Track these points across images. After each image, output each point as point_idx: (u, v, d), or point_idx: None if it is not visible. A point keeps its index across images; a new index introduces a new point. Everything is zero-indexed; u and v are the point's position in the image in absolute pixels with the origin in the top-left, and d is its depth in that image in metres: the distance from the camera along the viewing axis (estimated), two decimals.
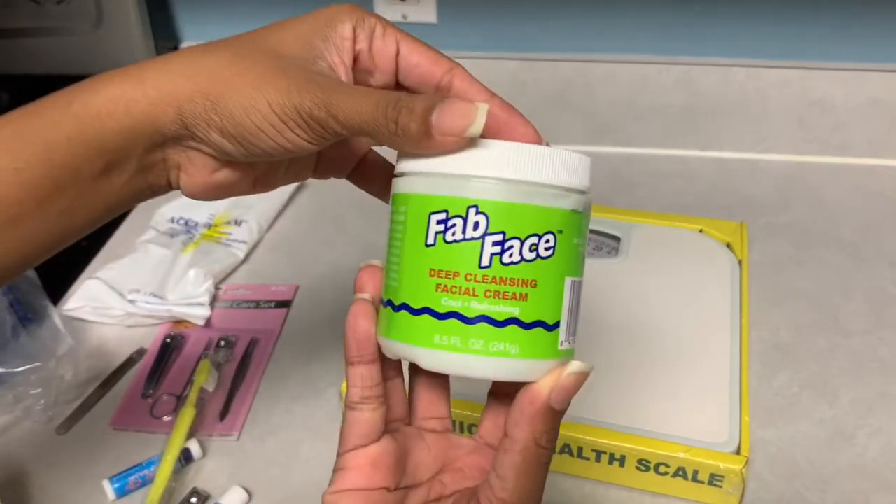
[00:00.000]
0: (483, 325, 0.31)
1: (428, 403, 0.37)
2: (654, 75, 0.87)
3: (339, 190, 0.41)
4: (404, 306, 0.32)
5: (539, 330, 0.31)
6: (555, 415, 0.32)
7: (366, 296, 0.34)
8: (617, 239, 0.72)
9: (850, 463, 0.56)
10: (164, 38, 0.95)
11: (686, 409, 0.56)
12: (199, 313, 0.70)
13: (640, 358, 0.60)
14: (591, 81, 0.88)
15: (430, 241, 0.31)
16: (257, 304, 0.72)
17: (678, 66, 0.86)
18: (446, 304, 0.31)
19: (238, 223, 0.80)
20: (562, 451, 0.54)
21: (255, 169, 0.38)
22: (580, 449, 0.54)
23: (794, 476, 0.55)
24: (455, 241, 0.31)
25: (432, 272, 0.31)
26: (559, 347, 0.32)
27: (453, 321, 0.31)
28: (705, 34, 0.86)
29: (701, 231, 0.73)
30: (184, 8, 0.95)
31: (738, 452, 0.53)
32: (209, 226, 0.80)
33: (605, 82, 0.88)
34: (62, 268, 0.76)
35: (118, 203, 0.36)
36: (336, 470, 0.34)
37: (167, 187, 0.37)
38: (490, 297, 0.31)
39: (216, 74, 0.33)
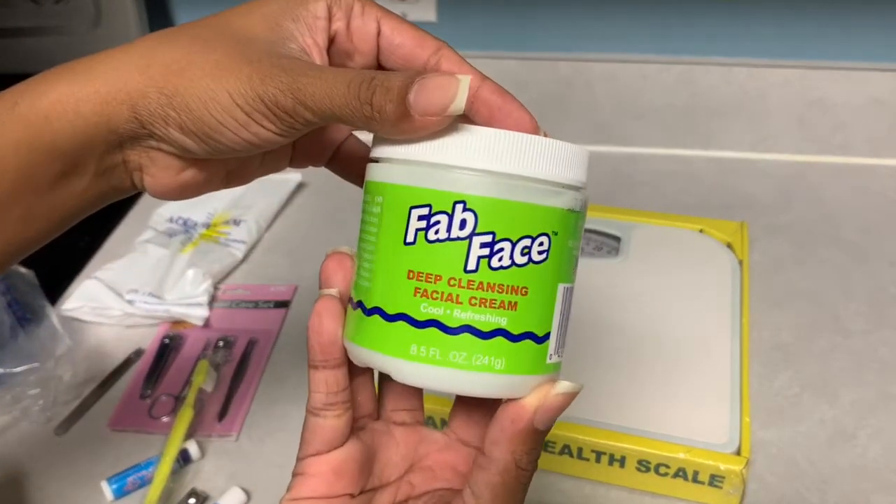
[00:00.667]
0: (466, 335, 0.27)
1: (399, 394, 0.35)
2: (654, 75, 0.87)
3: (339, 190, 0.40)
4: (377, 310, 0.28)
5: (528, 342, 0.28)
6: (538, 435, 0.29)
7: (333, 291, 0.31)
8: (617, 239, 0.72)
9: (851, 463, 0.56)
10: None
11: (686, 409, 0.56)
12: (197, 313, 0.69)
13: (640, 358, 0.60)
14: (591, 81, 0.88)
15: (410, 238, 0.28)
16: (256, 305, 0.72)
17: (678, 66, 0.86)
18: (426, 310, 0.28)
19: (237, 223, 0.80)
20: (562, 452, 0.54)
21: (225, 164, 0.35)
22: (580, 450, 0.54)
23: (795, 477, 0.55)
24: (438, 240, 0.27)
25: (411, 274, 0.28)
26: (547, 361, 0.29)
27: (433, 330, 0.28)
28: (706, 33, 0.86)
29: (701, 231, 0.73)
30: (182, 7, 0.95)
31: (738, 453, 0.52)
32: (208, 225, 0.80)
33: (606, 82, 0.88)
34: (60, 268, 0.76)
35: (82, 206, 0.33)
36: (295, 475, 0.32)
37: (132, 188, 0.34)
38: (476, 304, 0.27)
39: (171, 65, 0.30)
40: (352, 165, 0.38)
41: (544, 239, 0.28)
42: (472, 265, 0.27)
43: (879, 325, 0.67)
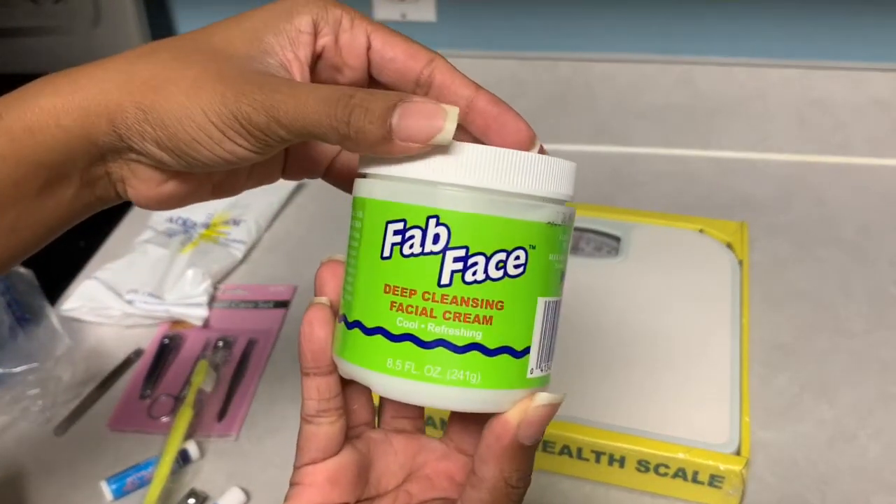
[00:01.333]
0: (441, 349, 0.28)
1: (399, 402, 0.34)
2: (654, 74, 0.87)
3: (338, 191, 0.40)
4: (357, 324, 0.29)
5: (505, 356, 0.28)
6: (525, 451, 0.29)
7: (324, 300, 0.31)
8: (617, 239, 0.72)
9: (851, 464, 0.56)
10: (162, 37, 0.95)
11: (686, 409, 0.56)
12: (197, 314, 0.69)
13: (639, 358, 0.60)
14: (590, 81, 0.88)
15: (386, 253, 0.28)
16: (256, 305, 0.72)
17: (679, 66, 0.86)
18: (401, 324, 0.28)
19: (236, 223, 0.80)
20: (562, 452, 0.54)
21: (210, 177, 0.35)
22: (580, 450, 0.53)
23: (795, 477, 0.55)
24: (413, 254, 0.28)
25: (387, 288, 0.28)
26: (529, 375, 0.29)
27: (408, 344, 0.28)
28: (706, 33, 0.86)
29: (701, 231, 0.73)
30: (181, 7, 0.95)
31: (738, 453, 0.52)
32: (207, 225, 0.80)
33: (605, 81, 0.88)
34: (60, 268, 0.76)
35: (69, 216, 0.34)
36: (292, 484, 0.32)
37: (117, 199, 0.34)
38: (449, 319, 0.28)
39: (149, 81, 0.30)
40: (347, 178, 0.38)
41: (521, 253, 0.28)
42: (445, 279, 0.27)
43: (879, 325, 0.67)
